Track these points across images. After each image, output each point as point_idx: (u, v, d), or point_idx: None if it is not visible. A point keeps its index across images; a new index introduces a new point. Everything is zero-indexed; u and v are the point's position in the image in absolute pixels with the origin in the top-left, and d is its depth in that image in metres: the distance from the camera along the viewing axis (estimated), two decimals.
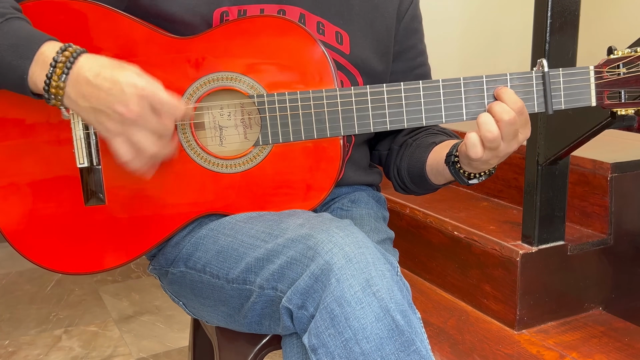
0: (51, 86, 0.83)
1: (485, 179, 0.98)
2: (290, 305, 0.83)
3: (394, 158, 1.14)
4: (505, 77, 0.91)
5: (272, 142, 0.94)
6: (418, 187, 1.12)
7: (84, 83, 0.83)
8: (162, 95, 0.85)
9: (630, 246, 1.85)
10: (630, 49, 0.90)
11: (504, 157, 0.92)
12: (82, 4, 0.92)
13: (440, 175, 1.04)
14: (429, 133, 1.12)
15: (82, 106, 0.84)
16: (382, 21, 1.07)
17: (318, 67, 0.92)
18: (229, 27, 0.93)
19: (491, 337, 1.72)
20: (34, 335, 2.09)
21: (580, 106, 0.92)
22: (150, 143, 0.85)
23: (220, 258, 0.94)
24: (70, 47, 0.84)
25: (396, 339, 0.76)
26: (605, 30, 2.98)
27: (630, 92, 0.90)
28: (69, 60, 0.83)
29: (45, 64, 0.83)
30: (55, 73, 0.83)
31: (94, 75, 0.83)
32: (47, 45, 0.84)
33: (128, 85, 0.82)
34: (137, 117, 0.83)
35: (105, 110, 0.83)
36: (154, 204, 0.95)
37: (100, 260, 0.97)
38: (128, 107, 0.82)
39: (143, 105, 0.83)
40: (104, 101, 0.83)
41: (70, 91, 0.84)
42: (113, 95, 0.82)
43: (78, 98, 0.84)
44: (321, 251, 0.80)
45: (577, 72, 0.91)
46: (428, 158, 1.05)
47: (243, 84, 0.93)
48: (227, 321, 1.00)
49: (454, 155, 0.97)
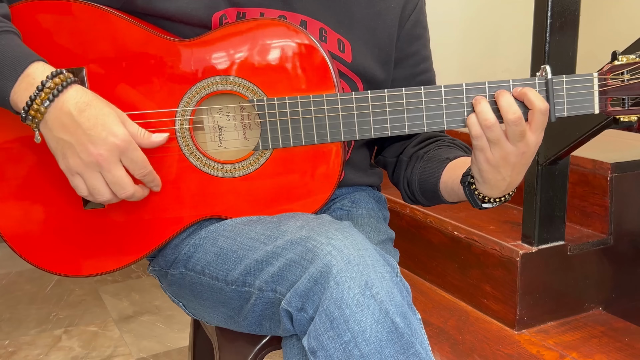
0: (32, 108, 0.82)
1: (499, 204, 0.95)
2: (289, 308, 0.82)
3: (403, 170, 1.11)
4: (508, 83, 0.88)
5: (272, 146, 0.93)
6: (428, 201, 1.10)
7: (66, 115, 0.83)
8: (138, 154, 0.86)
9: (630, 246, 1.85)
10: (634, 54, 0.88)
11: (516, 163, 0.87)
12: (78, 5, 0.91)
13: (454, 194, 1.01)
14: (440, 145, 1.09)
15: (55, 135, 0.84)
16: (384, 29, 1.06)
17: (319, 71, 0.92)
18: (229, 30, 0.92)
19: (491, 337, 1.72)
20: (34, 335, 2.09)
21: (583, 113, 0.90)
22: (104, 191, 0.86)
23: (219, 260, 0.94)
24: (62, 74, 0.83)
25: (395, 341, 0.76)
26: (606, 30, 2.98)
27: (633, 99, 0.88)
28: (57, 88, 0.82)
29: (31, 86, 0.82)
30: (39, 97, 0.82)
31: (78, 111, 0.83)
32: (35, 67, 0.83)
33: (108, 131, 0.83)
34: (102, 161, 0.83)
35: (76, 147, 0.83)
36: (153, 207, 0.95)
37: (100, 263, 0.97)
38: (98, 150, 0.83)
39: (112, 154, 0.84)
40: (79, 138, 0.83)
41: (49, 118, 0.83)
42: (90, 136, 0.83)
43: (54, 127, 0.83)
44: (320, 253, 0.80)
45: (580, 79, 0.89)
46: (442, 175, 1.02)
47: (243, 87, 0.93)
48: (227, 322, 1.00)
49: (470, 175, 0.94)
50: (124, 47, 0.92)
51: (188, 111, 0.93)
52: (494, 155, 0.87)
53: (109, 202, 0.89)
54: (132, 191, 0.87)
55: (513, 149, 0.86)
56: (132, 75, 0.92)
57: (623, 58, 0.88)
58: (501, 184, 0.90)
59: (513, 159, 0.86)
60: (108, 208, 0.95)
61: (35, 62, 0.84)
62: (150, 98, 0.93)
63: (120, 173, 0.85)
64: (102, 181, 0.85)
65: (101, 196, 0.87)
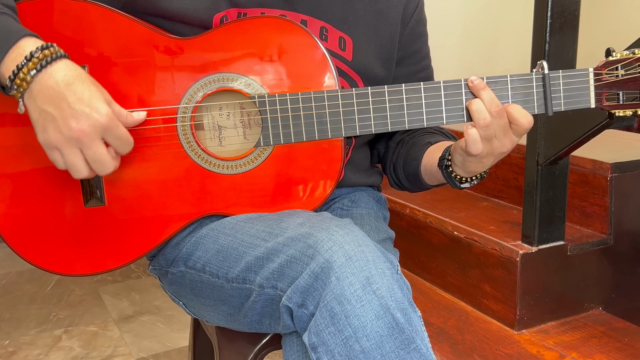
0: (17, 77, 0.81)
1: (477, 183, 0.98)
2: (290, 304, 0.83)
3: (390, 155, 1.15)
4: (505, 78, 0.91)
5: (273, 143, 0.94)
6: (412, 185, 1.14)
7: (53, 86, 0.81)
8: (122, 130, 0.85)
9: (630, 246, 1.85)
10: (628, 50, 0.91)
11: (498, 157, 0.93)
12: (80, 4, 0.91)
13: (433, 177, 1.05)
14: (425, 132, 1.13)
15: (39, 106, 0.82)
16: (386, 27, 1.06)
17: (319, 67, 0.92)
18: (230, 27, 0.93)
19: (491, 337, 1.72)
20: (34, 335, 2.09)
21: (579, 108, 0.93)
22: (81, 168, 0.84)
23: (220, 257, 0.94)
24: (53, 47, 0.83)
25: (396, 336, 0.76)
26: (605, 30, 2.98)
27: (628, 94, 0.91)
28: (46, 59, 0.81)
29: (20, 56, 0.81)
30: (26, 66, 0.81)
31: (65, 83, 0.82)
32: (26, 40, 0.82)
33: (92, 107, 0.82)
34: (84, 137, 0.82)
35: (58, 120, 0.82)
36: (155, 205, 0.95)
37: (100, 261, 0.97)
38: (79, 125, 0.81)
39: (95, 130, 0.82)
40: (62, 111, 0.81)
41: (34, 87, 0.82)
42: (74, 110, 0.81)
43: (38, 97, 0.82)
44: (321, 249, 0.81)
45: (576, 74, 0.91)
46: (422, 158, 1.06)
47: (244, 84, 0.93)
48: (227, 320, 1.00)
49: (447, 159, 0.97)
50: (125, 44, 0.92)
51: (190, 108, 0.93)
52: (483, 151, 0.90)
53: (86, 177, 0.87)
54: (111, 168, 0.86)
55: (498, 145, 0.90)
56: (134, 72, 0.93)
57: (617, 54, 0.91)
58: (480, 169, 0.95)
59: (497, 153, 0.91)
60: (109, 206, 0.95)
61: (28, 36, 0.83)
62: (152, 95, 0.93)
63: (101, 150, 0.84)
64: (81, 157, 0.84)
65: (78, 173, 0.85)
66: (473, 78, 0.91)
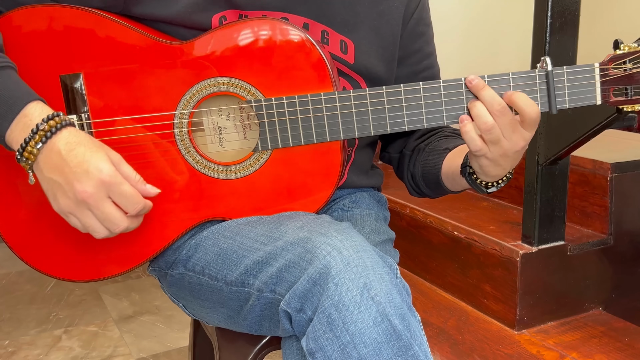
0: (25, 150, 0.82)
1: (504, 185, 0.96)
2: (288, 309, 0.82)
3: (406, 164, 1.12)
4: (507, 76, 0.88)
5: (271, 147, 0.93)
6: (434, 192, 1.11)
7: (56, 154, 0.82)
8: (125, 188, 0.84)
9: (630, 246, 1.85)
10: (636, 43, 0.87)
11: (514, 157, 0.89)
12: (74, 11, 0.90)
13: (456, 184, 1.02)
14: (440, 136, 1.10)
15: (46, 176, 0.83)
16: (387, 28, 1.05)
17: (316, 70, 0.91)
18: (224, 30, 0.92)
19: (491, 337, 1.72)
20: (34, 335, 2.09)
21: (585, 105, 0.89)
22: (98, 228, 0.85)
23: (219, 260, 0.94)
24: (58, 116, 0.83)
25: (394, 343, 0.76)
26: (605, 30, 2.98)
27: (637, 88, 0.87)
28: (50, 130, 0.82)
29: (27, 127, 0.82)
30: (33, 139, 0.82)
31: (67, 150, 0.82)
32: (32, 108, 0.83)
33: (94, 168, 0.82)
34: (88, 198, 0.82)
35: (64, 186, 0.82)
36: (155, 211, 0.94)
37: (101, 268, 0.97)
38: (83, 187, 0.81)
39: (99, 190, 0.82)
40: (66, 176, 0.82)
41: (41, 159, 0.83)
42: (75, 173, 0.82)
43: (45, 167, 0.83)
44: (319, 255, 0.80)
45: (581, 69, 0.88)
46: (442, 165, 1.03)
47: (241, 89, 0.92)
48: (227, 322, 1.00)
49: (469, 166, 0.95)
50: (120, 51, 0.91)
51: (186, 114, 0.93)
52: (493, 154, 0.88)
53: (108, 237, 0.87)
54: (125, 225, 0.85)
55: (509, 145, 0.87)
56: (130, 79, 0.92)
57: (625, 47, 0.87)
58: (501, 172, 0.92)
59: (511, 153, 0.88)
60: None
61: (33, 102, 0.84)
62: (148, 101, 0.92)
63: (109, 209, 0.84)
64: (94, 219, 0.84)
65: (97, 233, 0.85)
66: (472, 77, 0.88)
